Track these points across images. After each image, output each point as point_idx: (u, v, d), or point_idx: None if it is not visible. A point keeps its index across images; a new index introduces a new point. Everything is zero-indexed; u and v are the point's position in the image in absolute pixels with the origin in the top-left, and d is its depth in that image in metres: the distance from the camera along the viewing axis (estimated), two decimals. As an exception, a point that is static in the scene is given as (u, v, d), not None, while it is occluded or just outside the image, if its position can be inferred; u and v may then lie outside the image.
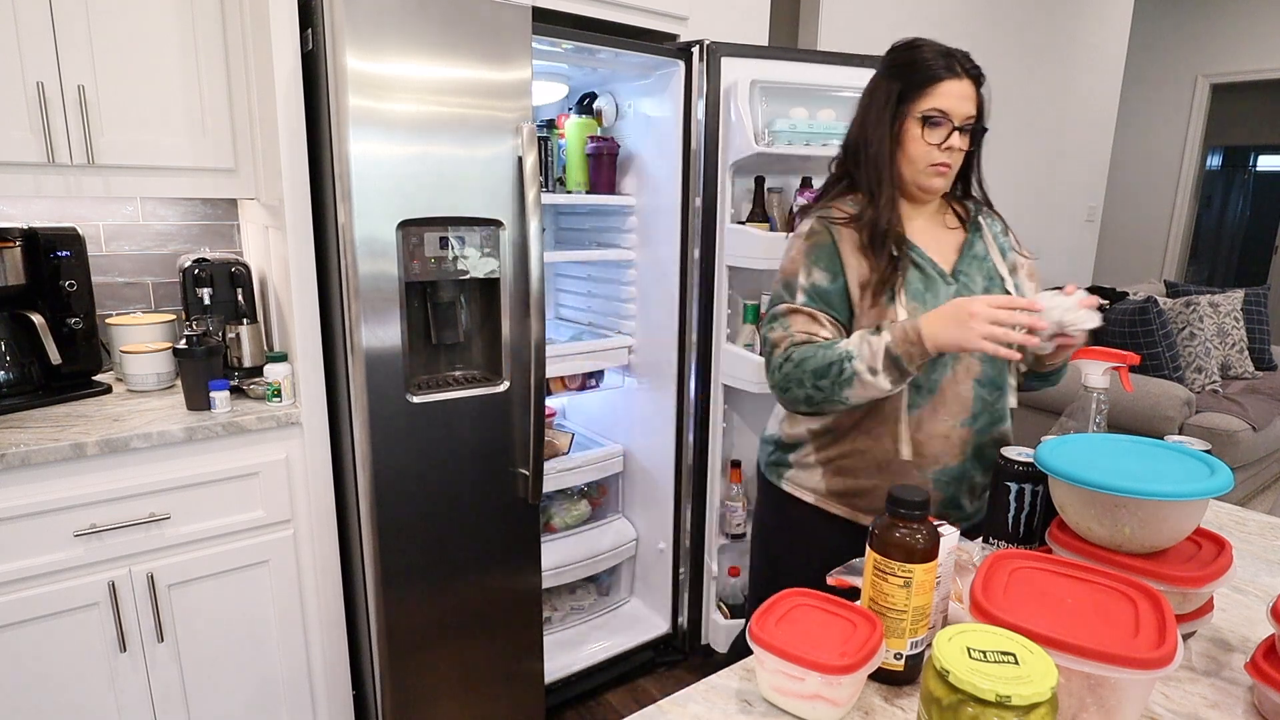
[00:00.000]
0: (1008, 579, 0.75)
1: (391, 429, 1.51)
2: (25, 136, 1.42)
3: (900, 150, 1.20)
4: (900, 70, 1.19)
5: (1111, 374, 1.14)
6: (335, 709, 1.72)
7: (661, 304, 2.13)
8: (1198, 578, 0.78)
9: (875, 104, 1.21)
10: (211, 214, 1.94)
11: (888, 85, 1.20)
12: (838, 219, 1.21)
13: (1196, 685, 0.77)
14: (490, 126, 1.50)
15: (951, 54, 1.18)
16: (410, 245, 1.48)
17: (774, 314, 1.23)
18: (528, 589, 1.78)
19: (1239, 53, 5.32)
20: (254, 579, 1.56)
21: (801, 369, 1.14)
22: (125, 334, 1.72)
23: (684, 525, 2.22)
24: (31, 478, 1.32)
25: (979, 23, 3.84)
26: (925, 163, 1.19)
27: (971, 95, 1.18)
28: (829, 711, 0.71)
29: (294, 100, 1.45)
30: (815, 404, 1.15)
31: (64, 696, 1.40)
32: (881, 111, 1.20)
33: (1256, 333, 3.78)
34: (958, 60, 1.18)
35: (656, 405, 2.21)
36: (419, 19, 1.39)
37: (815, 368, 1.12)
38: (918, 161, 1.19)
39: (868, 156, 1.21)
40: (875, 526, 0.77)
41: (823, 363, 1.12)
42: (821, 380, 1.12)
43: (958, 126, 1.17)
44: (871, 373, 1.08)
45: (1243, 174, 6.83)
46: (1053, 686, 0.54)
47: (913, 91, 1.17)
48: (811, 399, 1.14)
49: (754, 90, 1.89)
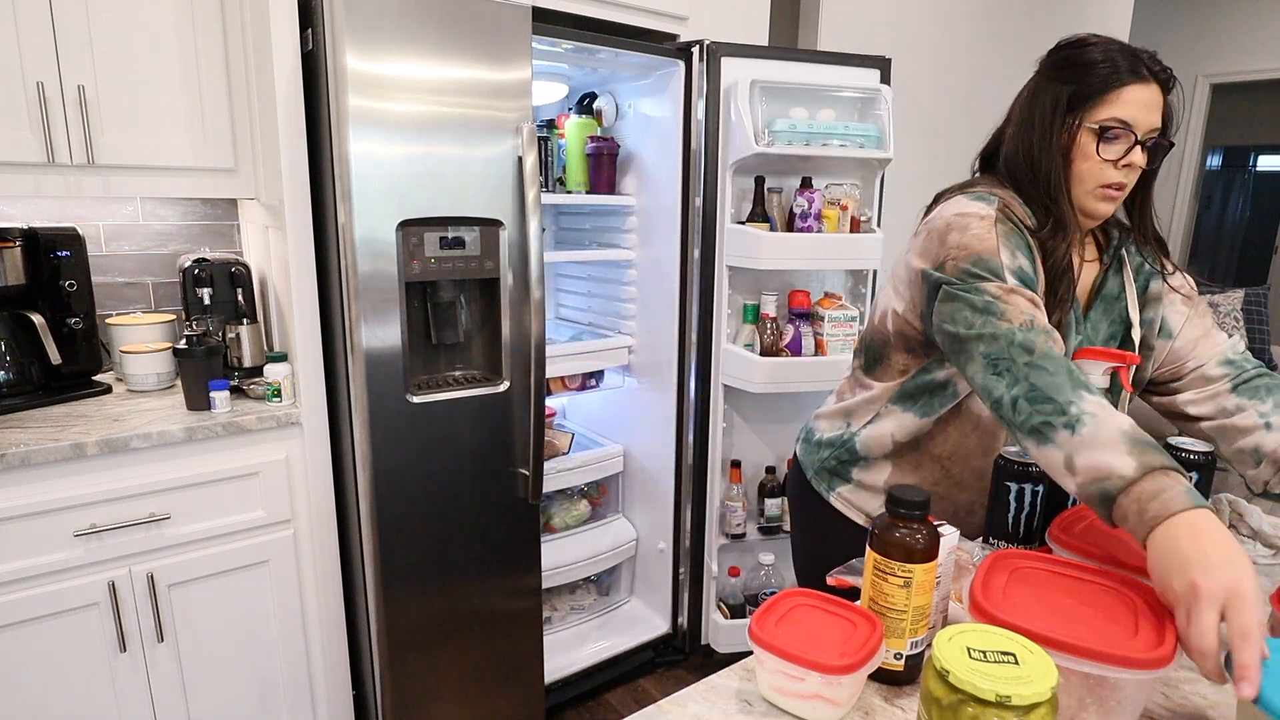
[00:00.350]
0: (1007, 579, 0.75)
1: (391, 429, 1.51)
2: (25, 136, 1.42)
3: (1068, 168, 1.02)
4: (1071, 72, 1.01)
5: (1111, 374, 1.14)
6: (335, 709, 1.72)
7: (661, 304, 2.13)
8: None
9: (1040, 112, 1.02)
10: (211, 214, 1.94)
11: (1055, 90, 1.01)
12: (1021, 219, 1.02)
13: (1196, 685, 0.77)
14: (490, 126, 1.50)
15: (1137, 54, 0.98)
16: (410, 245, 1.48)
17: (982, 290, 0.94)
18: (528, 589, 1.78)
19: (1239, 53, 5.32)
20: (254, 579, 1.56)
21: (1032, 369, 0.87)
22: (125, 334, 1.72)
23: (684, 525, 2.22)
24: (31, 478, 1.32)
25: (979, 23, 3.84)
26: (1096, 183, 1.01)
27: (1159, 103, 0.99)
28: (829, 711, 0.71)
29: (294, 100, 1.45)
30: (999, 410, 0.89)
31: (64, 697, 1.39)
32: (1049, 120, 1.01)
33: (1256, 333, 3.78)
34: (1144, 61, 0.98)
35: (656, 405, 2.21)
36: (419, 19, 1.39)
37: (1040, 384, 0.85)
38: (1087, 181, 1.02)
39: (1039, 175, 1.03)
40: (875, 526, 0.77)
41: (1048, 390, 0.84)
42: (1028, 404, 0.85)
43: (1140, 140, 0.98)
44: (1068, 467, 0.79)
45: (1243, 174, 6.83)
46: (1053, 686, 0.54)
47: (1088, 97, 0.99)
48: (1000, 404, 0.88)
49: (754, 90, 1.89)
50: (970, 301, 0.95)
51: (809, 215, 1.97)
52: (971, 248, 0.98)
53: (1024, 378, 0.86)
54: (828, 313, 2.00)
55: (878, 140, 1.99)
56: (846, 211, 2.00)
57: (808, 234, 1.96)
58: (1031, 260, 1.00)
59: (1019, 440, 0.87)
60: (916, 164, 2.91)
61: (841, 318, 2.00)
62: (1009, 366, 0.88)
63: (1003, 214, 1.01)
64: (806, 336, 2.02)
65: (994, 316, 0.92)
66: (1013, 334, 0.90)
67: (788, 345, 2.02)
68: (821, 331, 2.01)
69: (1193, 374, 1.13)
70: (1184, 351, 1.14)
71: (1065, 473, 0.80)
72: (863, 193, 2.09)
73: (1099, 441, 0.77)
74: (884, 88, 2.02)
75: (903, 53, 2.71)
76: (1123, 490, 0.73)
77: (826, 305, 2.03)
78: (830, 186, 2.00)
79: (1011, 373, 0.88)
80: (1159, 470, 0.73)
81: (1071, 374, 0.86)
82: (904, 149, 2.04)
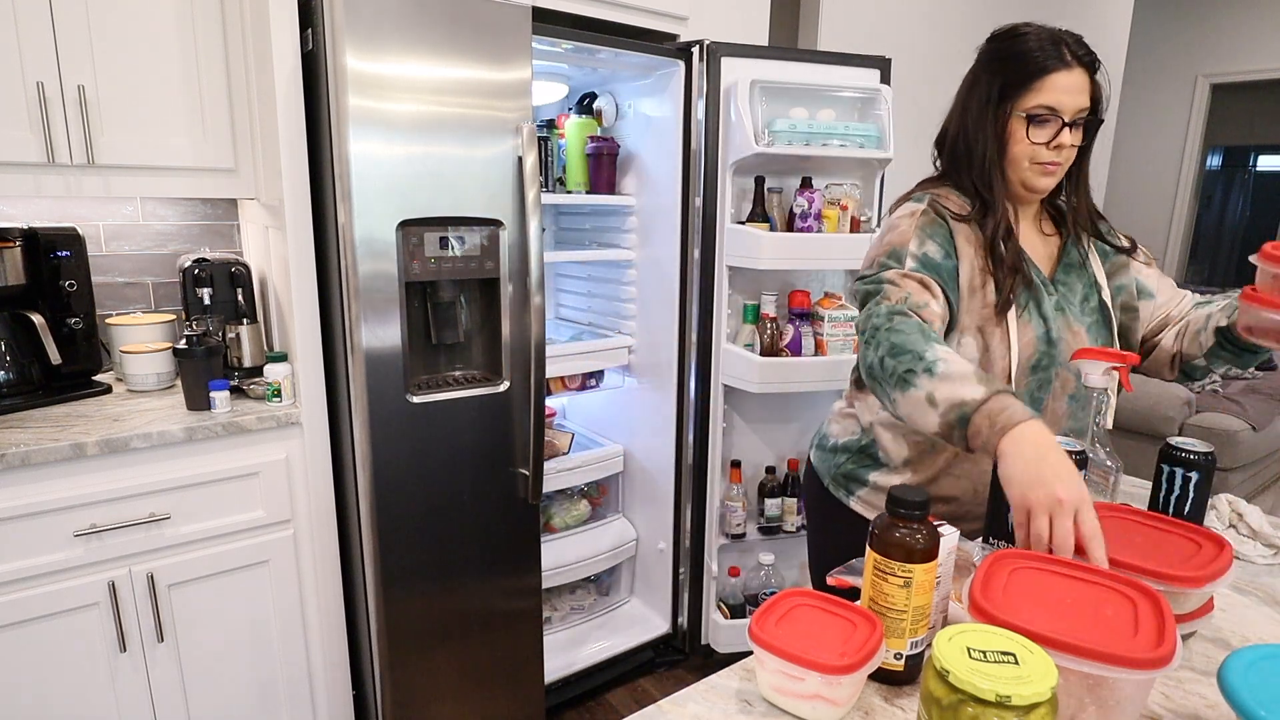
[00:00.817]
0: (1007, 579, 0.75)
1: (391, 429, 1.51)
2: (25, 136, 1.42)
3: (1004, 151, 1.10)
4: (1002, 63, 1.08)
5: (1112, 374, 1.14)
6: (335, 709, 1.72)
7: (661, 304, 2.13)
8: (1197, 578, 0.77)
9: (975, 100, 1.10)
10: (211, 214, 1.94)
11: (988, 80, 1.09)
12: (951, 211, 1.11)
13: (1197, 685, 0.77)
14: (490, 126, 1.50)
15: (1060, 39, 1.05)
16: (410, 245, 1.48)
17: (878, 279, 1.06)
18: (528, 589, 1.78)
19: (1239, 53, 5.32)
20: (254, 579, 1.56)
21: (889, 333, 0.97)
22: (125, 334, 1.72)
23: (684, 525, 2.22)
24: (31, 478, 1.32)
25: (979, 23, 3.83)
26: (1030, 161, 1.08)
27: (1084, 85, 1.05)
28: (829, 711, 0.71)
29: (294, 100, 1.45)
30: (873, 377, 0.99)
31: (64, 697, 1.39)
32: (983, 109, 1.09)
33: (1256, 333, 3.78)
34: (1068, 47, 1.04)
35: (656, 405, 2.21)
36: (419, 19, 1.39)
37: (896, 343, 0.95)
38: (1022, 161, 1.09)
39: (973, 161, 1.11)
40: (875, 526, 0.77)
41: (904, 345, 0.94)
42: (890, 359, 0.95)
43: (1068, 122, 1.05)
44: (930, 402, 0.90)
45: (1243, 174, 6.83)
46: (1053, 686, 0.54)
47: (1016, 87, 1.06)
48: (872, 370, 0.99)
49: (754, 90, 1.89)
50: (868, 291, 1.07)
51: (809, 215, 1.97)
52: (890, 242, 1.10)
53: (885, 340, 0.97)
54: (828, 313, 2.00)
55: (878, 140, 1.99)
56: (846, 211, 2.00)
57: (808, 234, 1.96)
58: (946, 247, 1.09)
59: (888, 395, 0.97)
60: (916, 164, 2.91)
61: (841, 318, 2.00)
62: (872, 336, 0.99)
63: (931, 208, 1.11)
64: (806, 336, 2.03)
65: (876, 299, 1.04)
66: (881, 312, 1.01)
67: (788, 345, 2.02)
68: (821, 331, 2.01)
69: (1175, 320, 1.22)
70: (1167, 305, 1.22)
71: (928, 407, 0.90)
72: (863, 193, 2.09)
73: (953, 376, 0.89)
74: (884, 88, 2.02)
75: (903, 53, 2.71)
76: (975, 409, 0.85)
77: (826, 305, 2.03)
78: (830, 186, 2.00)
79: (875, 339, 0.99)
80: (1003, 392, 0.86)
81: (923, 330, 0.97)
82: (904, 149, 2.04)
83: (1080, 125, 1.08)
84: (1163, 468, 1.09)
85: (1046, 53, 1.04)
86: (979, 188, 1.11)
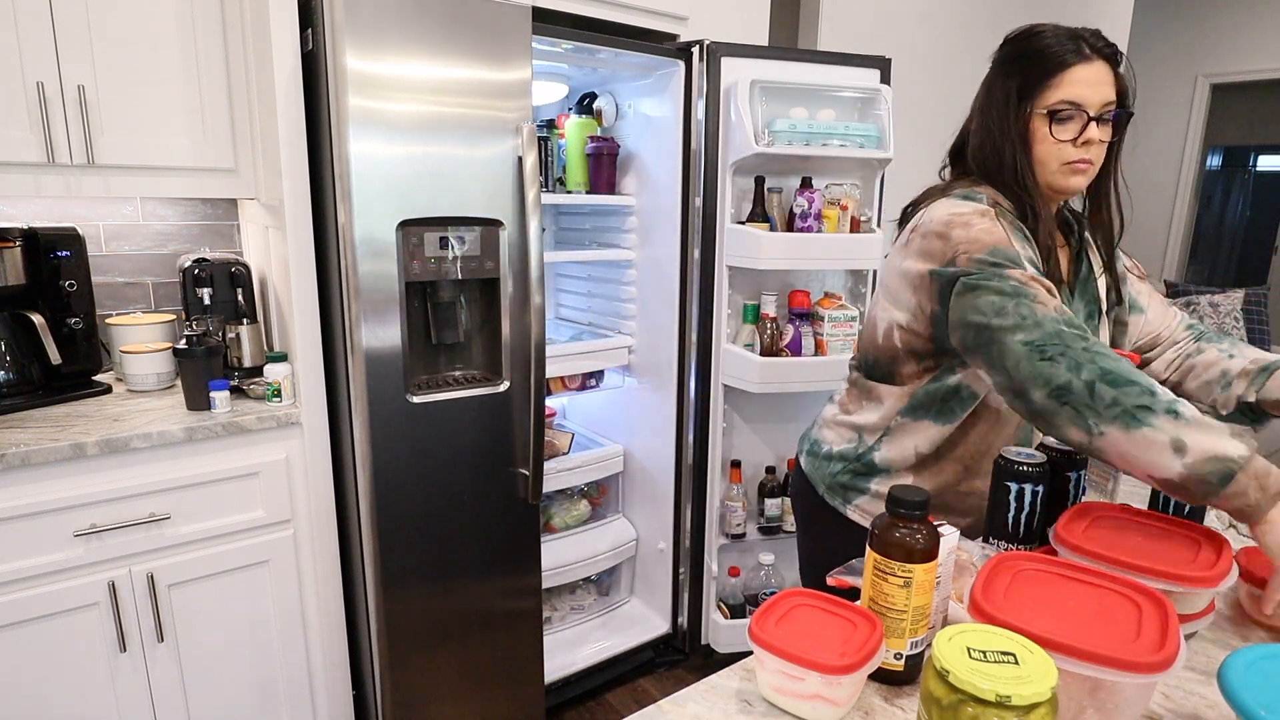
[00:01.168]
0: (1010, 580, 0.75)
1: (391, 429, 1.51)
2: (25, 136, 1.41)
3: (1029, 154, 1.04)
4: (1018, 63, 1.04)
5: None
6: (335, 709, 1.72)
7: (661, 304, 2.13)
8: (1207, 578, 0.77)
9: (995, 105, 1.05)
10: (211, 214, 1.94)
11: (1006, 83, 1.04)
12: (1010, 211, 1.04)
13: (1197, 685, 0.77)
14: (490, 126, 1.50)
15: (1078, 34, 1.01)
16: (410, 245, 1.48)
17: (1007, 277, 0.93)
18: (528, 589, 1.78)
19: (1239, 53, 5.32)
20: (254, 579, 1.56)
21: (1090, 354, 0.86)
22: (125, 334, 1.72)
23: (684, 525, 2.22)
24: (31, 478, 1.32)
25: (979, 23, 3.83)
26: (1059, 162, 1.03)
27: (1108, 78, 1.01)
28: (829, 711, 0.71)
29: (294, 100, 1.45)
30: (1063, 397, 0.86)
31: (64, 697, 1.39)
32: (1004, 113, 1.04)
33: (1256, 333, 3.78)
34: (1085, 40, 1.00)
35: (656, 405, 2.21)
36: (419, 19, 1.39)
37: (1111, 369, 0.84)
38: (1050, 163, 1.04)
39: (1003, 165, 1.05)
40: (875, 526, 0.77)
41: (1124, 374, 0.84)
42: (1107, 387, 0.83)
43: (1094, 117, 1.00)
44: (1175, 448, 0.80)
45: (1243, 174, 6.83)
46: (1053, 686, 0.54)
47: (1035, 84, 1.01)
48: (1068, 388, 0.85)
49: (754, 90, 1.89)
50: (997, 288, 0.93)
51: (809, 215, 1.97)
52: (982, 240, 0.98)
53: (1090, 361, 0.86)
54: (828, 313, 2.00)
55: (878, 140, 1.99)
56: (846, 211, 2.00)
57: (808, 234, 1.96)
58: (1036, 252, 1.02)
59: (1092, 426, 0.85)
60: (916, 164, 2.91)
61: (841, 318, 2.00)
62: (1063, 351, 0.87)
63: (997, 208, 1.03)
64: (806, 336, 2.03)
65: (1027, 300, 0.91)
66: (1056, 320, 0.89)
67: (788, 345, 2.02)
68: (821, 331, 2.01)
69: (1165, 341, 1.21)
70: (1156, 323, 1.22)
71: (1171, 453, 0.81)
72: (863, 193, 2.09)
73: (1205, 425, 0.81)
74: (884, 88, 2.02)
75: (903, 53, 2.71)
76: (1242, 468, 0.78)
77: (826, 305, 2.03)
78: (830, 186, 2.00)
79: (1069, 357, 0.87)
80: (1256, 452, 0.80)
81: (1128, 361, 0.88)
82: (904, 149, 2.04)
83: (1109, 121, 1.03)
84: (1163, 468, 1.08)
85: (1064, 47, 1.00)
86: (1020, 193, 1.04)
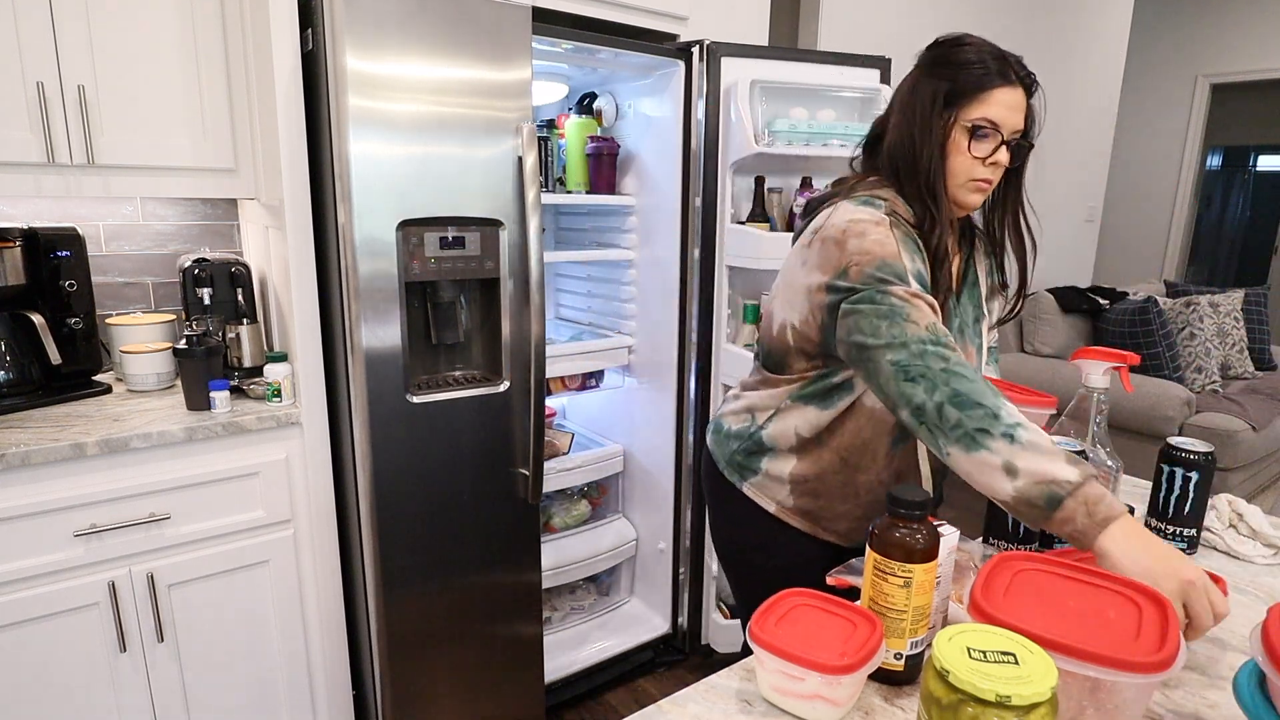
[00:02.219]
0: (1010, 581, 0.75)
1: (391, 429, 1.51)
2: (25, 136, 1.41)
3: (944, 162, 1.07)
4: (948, 69, 1.06)
5: (1112, 374, 1.14)
6: (335, 709, 1.72)
7: (661, 304, 2.13)
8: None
9: (920, 106, 1.07)
10: (211, 214, 1.94)
11: (933, 86, 1.06)
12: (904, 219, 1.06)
13: (1197, 686, 0.77)
14: (490, 126, 1.50)
15: (1005, 57, 1.05)
16: (410, 245, 1.48)
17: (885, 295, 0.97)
18: (528, 589, 1.78)
19: (1239, 53, 5.32)
20: (254, 579, 1.56)
21: (949, 375, 0.91)
22: (125, 334, 1.72)
23: (684, 525, 2.22)
24: (31, 478, 1.32)
25: (978, 23, 3.84)
26: (967, 177, 1.07)
27: (1023, 105, 1.05)
28: (829, 711, 0.71)
29: (294, 100, 1.45)
30: (920, 416, 0.92)
31: (64, 697, 1.39)
32: (929, 116, 1.06)
33: (1256, 333, 3.78)
34: (1011, 65, 1.04)
35: (656, 405, 2.21)
36: (419, 19, 1.39)
37: (961, 391, 0.89)
38: (959, 175, 1.07)
39: (918, 167, 1.07)
40: (875, 526, 0.77)
41: (973, 397, 0.88)
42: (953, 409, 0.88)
43: (1005, 140, 1.05)
44: (1008, 471, 0.84)
45: (1243, 174, 6.83)
46: (1053, 686, 0.54)
47: (961, 96, 1.04)
48: (923, 409, 0.91)
49: (754, 90, 1.89)
50: (875, 309, 0.98)
51: (809, 215, 1.96)
52: (874, 253, 1.01)
53: (944, 383, 0.91)
54: (828, 313, 2.00)
55: (878, 140, 1.99)
56: (846, 211, 1.99)
57: (808, 234, 1.96)
58: (925, 262, 1.05)
59: (941, 445, 0.90)
60: (916, 164, 2.91)
61: (841, 318, 2.00)
62: (923, 372, 0.92)
63: (893, 217, 1.05)
64: (806, 336, 2.02)
65: (901, 321, 0.95)
66: (922, 340, 0.94)
67: (788, 345, 2.02)
68: (821, 331, 2.01)
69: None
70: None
71: (1003, 475, 0.85)
72: (863, 193, 2.09)
73: (1040, 449, 0.84)
74: (884, 88, 2.02)
75: (903, 53, 2.71)
76: (1070, 494, 0.81)
77: (826, 305, 2.03)
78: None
79: (928, 379, 0.92)
80: (1093, 478, 0.83)
81: (985, 382, 0.92)
82: (904, 149, 2.04)
83: (1013, 146, 1.06)
84: (1163, 468, 1.09)
85: (993, 66, 1.04)
86: (926, 199, 1.07)
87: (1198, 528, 1.08)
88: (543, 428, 1.66)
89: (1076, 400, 1.16)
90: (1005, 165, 1.07)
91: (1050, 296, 3.69)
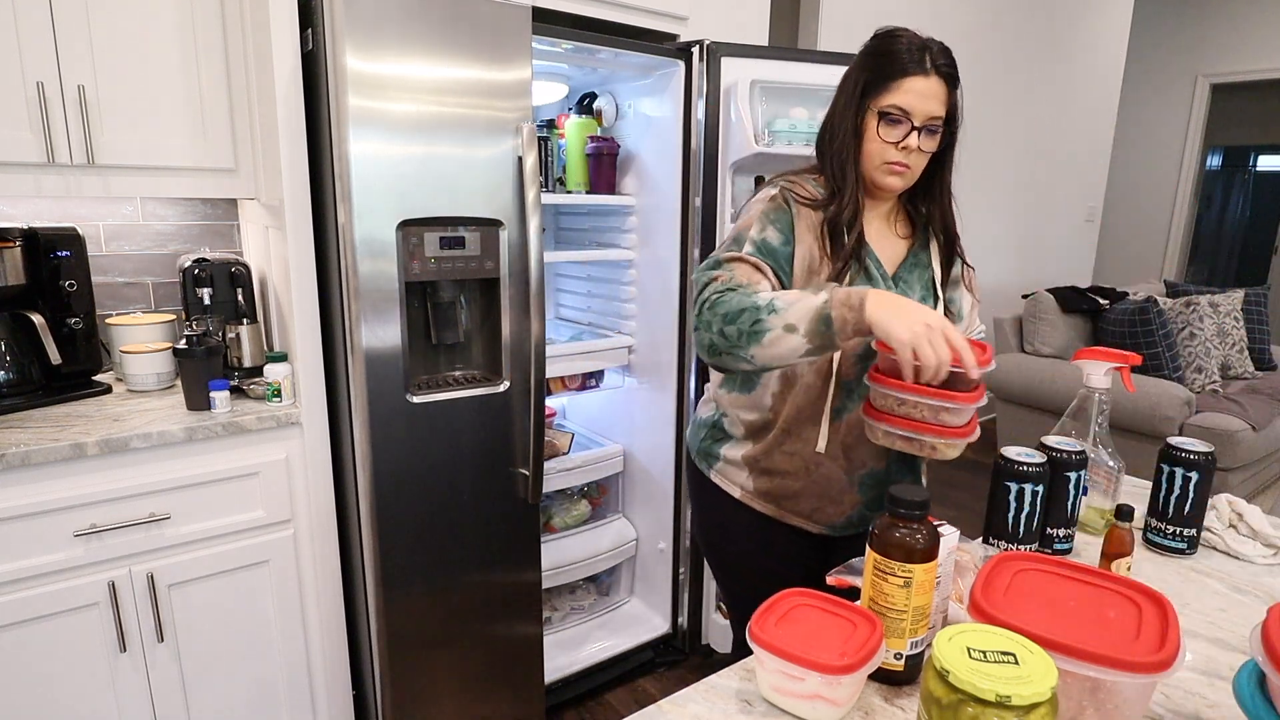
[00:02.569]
0: (1011, 581, 0.75)
1: (391, 429, 1.51)
2: (25, 136, 1.41)
3: (860, 144, 1.14)
4: (872, 59, 1.13)
5: (1113, 374, 1.14)
6: (335, 709, 1.72)
7: (661, 304, 2.13)
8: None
9: (844, 93, 1.16)
10: (211, 214, 1.94)
11: (856, 75, 1.14)
12: (801, 197, 1.16)
13: (1197, 686, 0.77)
14: (490, 126, 1.50)
15: (926, 47, 1.10)
16: (410, 245, 1.48)
17: (715, 260, 1.13)
18: (528, 589, 1.78)
19: (1239, 53, 5.32)
20: (254, 579, 1.56)
21: (714, 310, 1.04)
22: (125, 334, 1.72)
23: (684, 525, 2.22)
24: (31, 478, 1.32)
25: (979, 23, 3.84)
26: (880, 160, 1.13)
27: (940, 94, 1.10)
28: (829, 711, 0.71)
29: (294, 100, 1.45)
30: (717, 353, 1.04)
31: (64, 697, 1.39)
32: (849, 101, 1.14)
33: (1256, 333, 3.78)
34: (930, 55, 1.09)
35: (656, 405, 2.21)
36: (419, 19, 1.39)
37: (727, 311, 1.02)
38: (874, 158, 1.13)
39: (833, 148, 1.16)
40: (875, 526, 0.77)
41: (736, 308, 1.02)
42: (729, 326, 1.01)
43: (917, 126, 1.09)
44: (788, 330, 0.97)
45: (1243, 174, 6.83)
46: (1053, 686, 0.54)
47: (877, 84, 1.11)
48: (714, 346, 1.04)
49: (754, 90, 1.89)
50: (712, 262, 1.13)
51: (809, 215, 1.97)
52: (737, 227, 1.17)
53: (715, 317, 1.04)
54: (828, 313, 2.00)
55: (878, 140, 1.99)
56: (846, 211, 2.00)
57: (808, 234, 1.96)
58: (785, 233, 1.14)
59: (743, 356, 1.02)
60: (916, 164, 2.91)
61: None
62: (699, 322, 1.07)
63: (783, 195, 1.16)
64: (806, 336, 2.02)
65: (706, 282, 1.10)
66: (706, 295, 1.07)
67: (787, 345, 2.02)
68: (821, 331, 2.01)
69: None
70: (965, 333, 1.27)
71: (789, 334, 0.97)
72: (863, 193, 2.09)
73: (793, 300, 0.99)
74: (884, 88, 2.02)
75: (903, 53, 2.71)
76: (828, 303, 0.96)
77: (826, 305, 2.03)
78: (830, 186, 2.00)
79: (704, 322, 1.05)
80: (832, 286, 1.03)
81: (743, 290, 1.05)
82: (904, 149, 2.04)
83: (934, 133, 1.12)
84: (1163, 468, 1.09)
85: (910, 57, 1.09)
86: (834, 175, 1.16)
87: (1198, 528, 1.08)
88: (543, 428, 1.66)
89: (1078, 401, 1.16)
90: (921, 150, 1.12)
91: (1050, 296, 3.69)
